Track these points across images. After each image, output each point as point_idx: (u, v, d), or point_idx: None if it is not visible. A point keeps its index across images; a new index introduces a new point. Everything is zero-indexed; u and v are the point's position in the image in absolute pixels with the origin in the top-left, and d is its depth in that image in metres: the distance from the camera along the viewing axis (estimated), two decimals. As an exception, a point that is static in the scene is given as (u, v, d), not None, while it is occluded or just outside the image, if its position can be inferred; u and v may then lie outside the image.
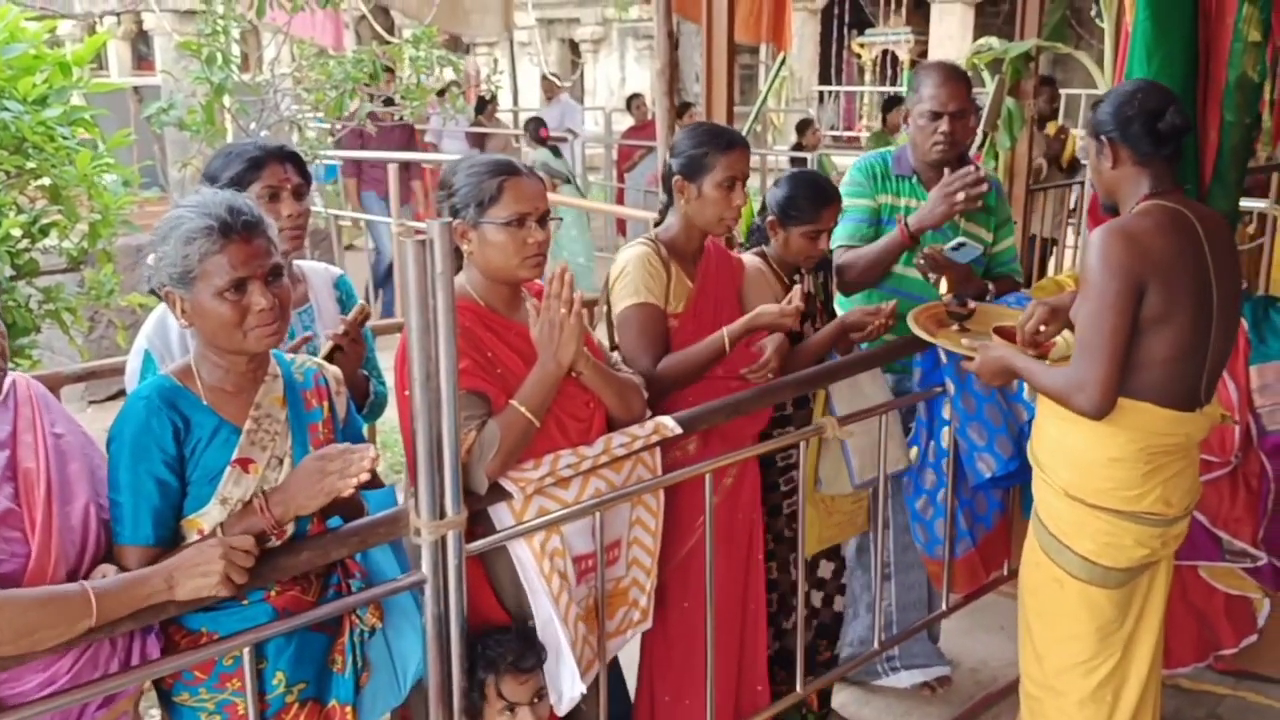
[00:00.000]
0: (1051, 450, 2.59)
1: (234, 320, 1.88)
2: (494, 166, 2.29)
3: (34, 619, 1.64)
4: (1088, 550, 2.54)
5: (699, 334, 2.73)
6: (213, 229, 1.85)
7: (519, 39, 15.56)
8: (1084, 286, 2.39)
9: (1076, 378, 2.39)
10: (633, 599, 2.52)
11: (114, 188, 3.29)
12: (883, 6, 16.60)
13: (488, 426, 2.15)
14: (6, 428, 1.81)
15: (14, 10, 3.62)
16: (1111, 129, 2.47)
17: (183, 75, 4.77)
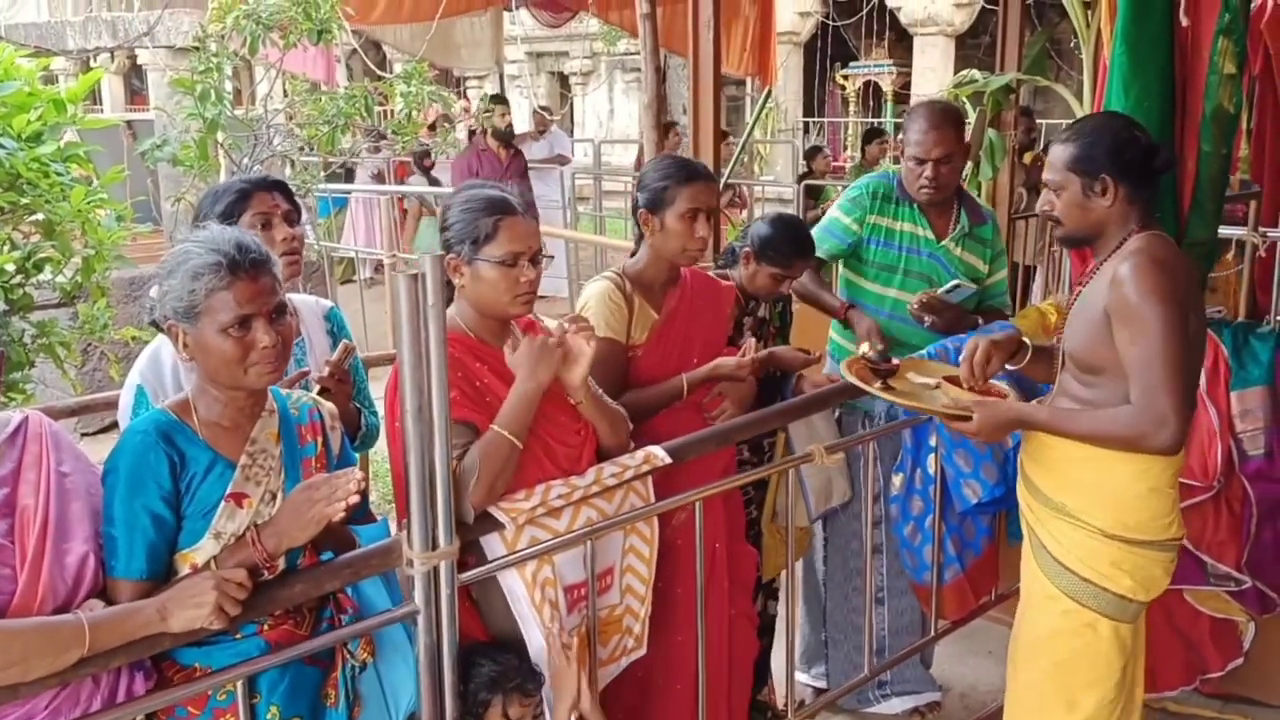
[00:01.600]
0: (1088, 493, 2.52)
1: (237, 356, 1.90)
2: (490, 204, 2.31)
3: (24, 647, 1.64)
4: (1127, 588, 2.51)
5: (662, 363, 2.78)
6: (220, 265, 1.88)
7: (509, 72, 15.69)
8: (1134, 321, 2.34)
9: (1155, 413, 2.33)
10: (626, 626, 2.54)
11: (108, 223, 3.32)
12: (865, 39, 16.78)
13: (467, 457, 2.17)
14: (10, 464, 1.81)
15: (8, 48, 3.67)
16: (1111, 167, 2.45)
17: (176, 111, 4.81)
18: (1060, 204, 2.52)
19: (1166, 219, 3.06)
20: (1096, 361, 2.46)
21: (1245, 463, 3.15)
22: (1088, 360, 2.49)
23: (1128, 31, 2.93)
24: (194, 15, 6.34)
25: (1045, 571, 2.60)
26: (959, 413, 2.54)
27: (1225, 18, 2.97)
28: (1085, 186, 2.47)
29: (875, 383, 2.66)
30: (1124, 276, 2.36)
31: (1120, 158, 2.45)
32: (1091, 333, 2.46)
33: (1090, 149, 2.46)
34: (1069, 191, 2.49)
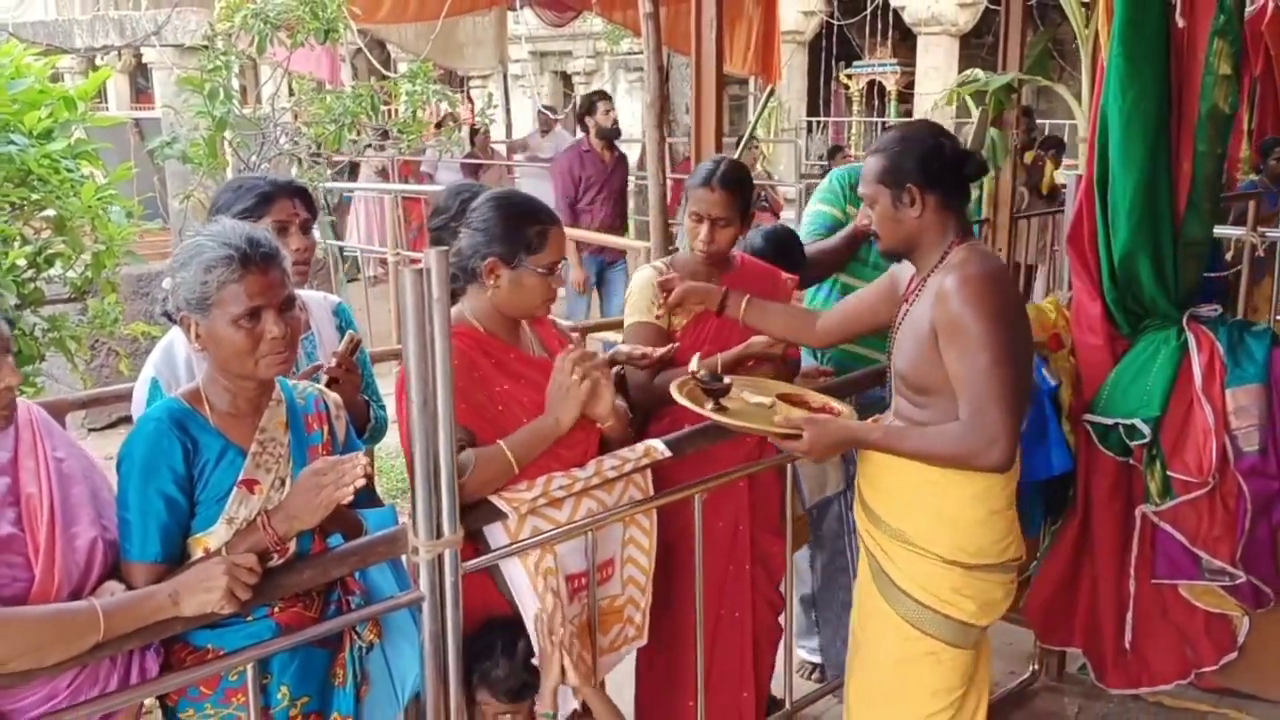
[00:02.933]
0: (926, 519, 2.48)
1: (247, 347, 1.95)
2: (537, 213, 2.40)
3: (42, 635, 1.69)
4: (969, 614, 2.47)
5: (699, 344, 2.86)
6: (233, 258, 1.93)
7: (513, 72, 15.72)
8: (961, 337, 2.29)
9: (985, 432, 2.28)
10: (628, 616, 2.58)
11: (117, 219, 3.36)
12: (869, 38, 16.81)
13: (464, 454, 2.22)
14: (7, 453, 1.85)
15: (18, 46, 3.71)
16: (918, 176, 2.39)
17: (184, 109, 4.86)
18: (875, 217, 2.48)
19: (1163, 219, 3.10)
20: (926, 381, 2.41)
21: (1240, 459, 3.18)
22: (917, 380, 2.44)
23: (1125, 33, 2.97)
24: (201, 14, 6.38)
25: (885, 597, 2.54)
26: (790, 431, 2.43)
27: (1220, 19, 3.00)
28: (894, 198, 2.42)
29: (707, 403, 2.52)
30: (948, 291, 2.31)
31: (927, 167, 2.40)
32: (919, 351, 2.41)
33: (896, 159, 2.42)
34: (880, 204, 2.45)
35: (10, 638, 1.65)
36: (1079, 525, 3.38)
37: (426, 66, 5.72)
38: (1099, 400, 3.26)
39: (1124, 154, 3.04)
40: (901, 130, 2.53)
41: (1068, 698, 3.66)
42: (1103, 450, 3.27)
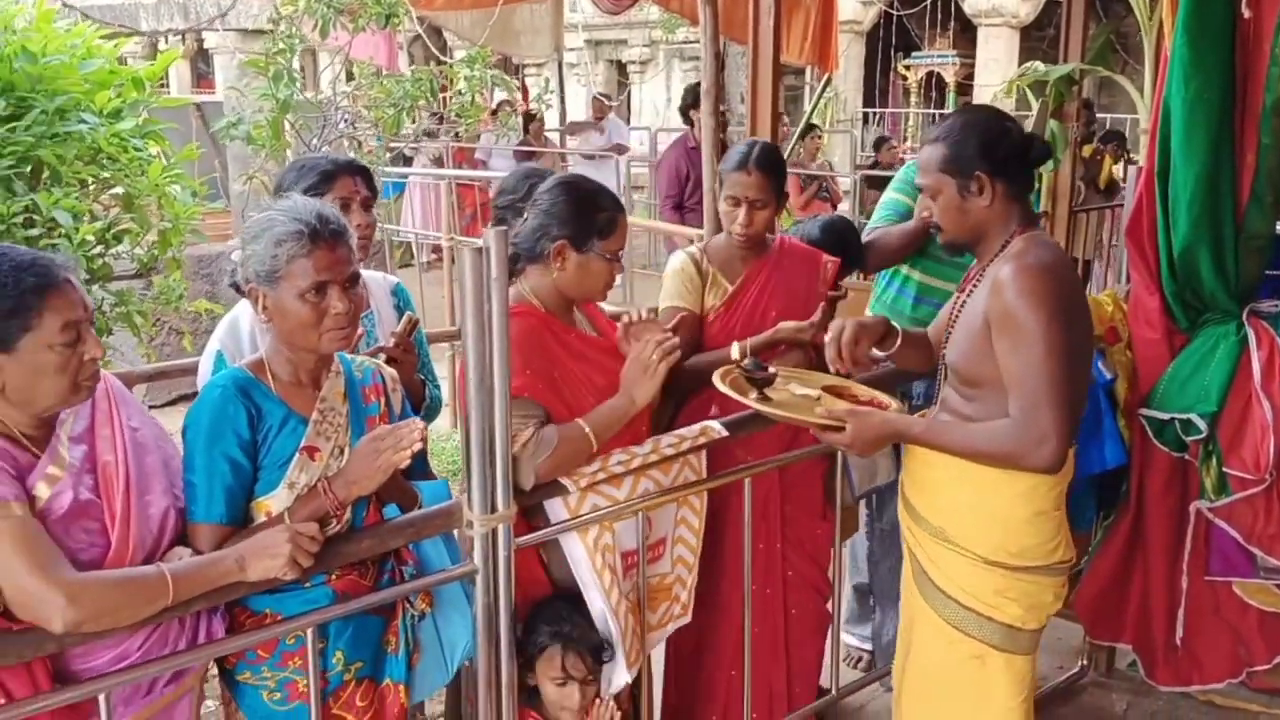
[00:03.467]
0: (967, 518, 2.40)
1: (312, 321, 2.01)
2: (608, 199, 2.46)
3: (115, 599, 1.75)
4: (1015, 617, 2.39)
5: (729, 327, 2.90)
6: (302, 233, 1.98)
7: (568, 60, 15.77)
8: (1014, 330, 2.21)
9: (1035, 431, 2.19)
10: (675, 594, 2.62)
11: (183, 198, 3.45)
12: (929, 29, 16.63)
13: (548, 429, 2.28)
14: (84, 422, 1.92)
15: (90, 28, 3.81)
16: (985, 163, 2.30)
17: (247, 92, 4.96)
18: (937, 209, 2.38)
19: (1224, 212, 3.06)
20: (977, 374, 2.34)
21: (1299, 456, 3.13)
22: (968, 372, 2.37)
23: (1189, 23, 2.93)
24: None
25: (928, 599, 2.46)
26: (832, 423, 2.35)
27: (1288, 9, 2.95)
28: (960, 187, 2.33)
29: (751, 393, 2.45)
30: (1003, 281, 2.23)
31: (994, 153, 2.31)
32: (972, 343, 2.33)
33: (960, 146, 2.32)
34: (944, 195, 2.35)
35: (87, 601, 1.71)
36: (1132, 520, 3.35)
37: (484, 52, 5.77)
38: (1155, 395, 3.23)
39: (1186, 146, 3.00)
40: (963, 116, 2.41)
41: (1116, 694, 3.64)
42: (1158, 445, 3.24)
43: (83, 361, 1.80)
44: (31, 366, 1.76)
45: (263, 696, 2.08)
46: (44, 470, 1.80)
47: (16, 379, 1.76)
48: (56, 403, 1.82)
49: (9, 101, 3.29)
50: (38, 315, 1.75)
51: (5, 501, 1.71)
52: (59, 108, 3.32)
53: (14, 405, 1.79)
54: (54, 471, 1.81)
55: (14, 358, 1.75)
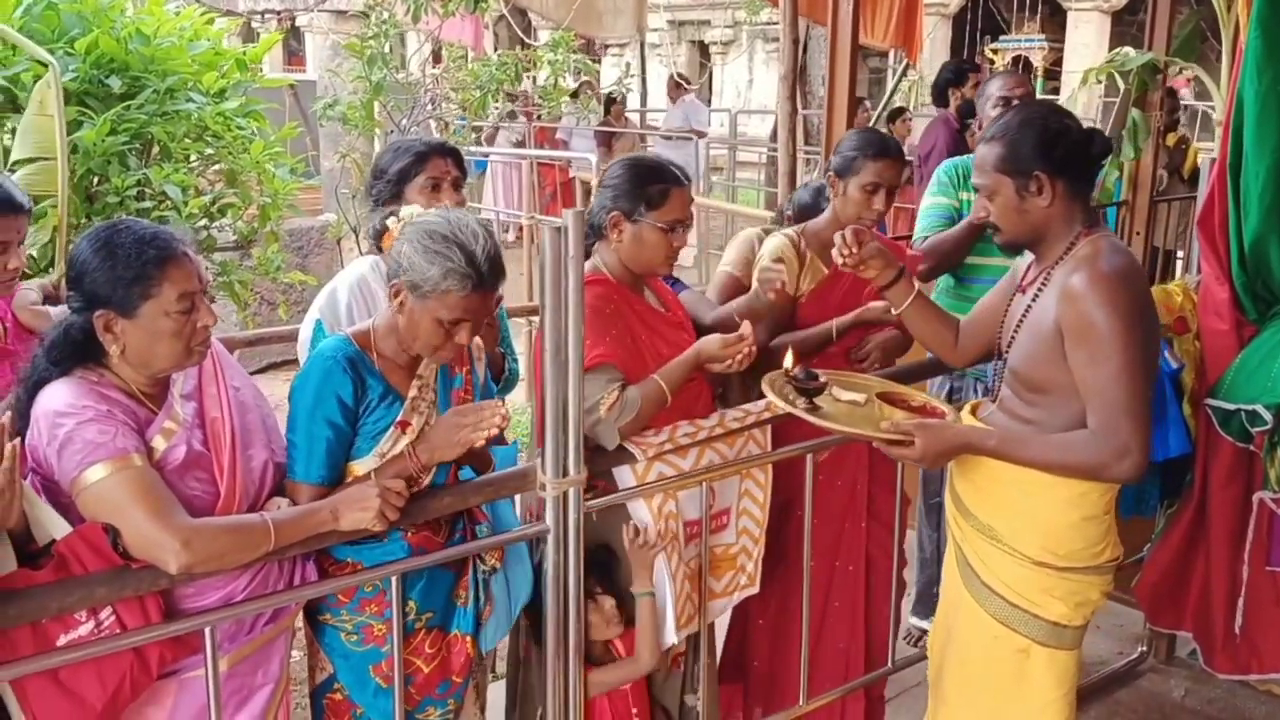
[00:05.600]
0: (1015, 518, 2.36)
1: (438, 342, 2.14)
2: (662, 172, 2.56)
3: (224, 543, 1.91)
4: (1060, 615, 2.36)
5: (821, 310, 3.00)
6: (469, 279, 2.08)
7: (650, 41, 15.84)
8: (1092, 341, 2.16)
9: (1117, 444, 2.15)
10: (740, 564, 2.73)
11: (282, 175, 3.64)
12: (1017, 13, 16.36)
13: (630, 391, 2.42)
14: (193, 381, 2.09)
15: (197, 11, 4.02)
16: (1044, 162, 2.23)
17: (342, 74, 5.15)
18: (995, 209, 2.31)
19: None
20: (1043, 380, 2.28)
21: (1366, 450, 3.13)
22: (1033, 378, 2.31)
23: (1263, 16, 2.93)
24: (357, -18, 6.69)
25: (973, 592, 2.44)
26: (899, 437, 2.28)
27: (1365, 2, 2.94)
28: (1019, 187, 2.26)
29: (800, 401, 2.37)
30: (1080, 290, 2.17)
31: (1053, 151, 2.24)
32: (1040, 349, 2.27)
33: (1018, 145, 2.25)
34: (1002, 195, 2.29)
35: (199, 545, 1.87)
36: (1195, 509, 3.37)
37: (568, 35, 5.90)
38: (1222, 385, 3.24)
39: (1258, 137, 3.01)
40: (1020, 113, 2.34)
41: (1175, 681, 3.67)
42: (1223, 435, 3.25)
43: (196, 328, 1.96)
44: (150, 331, 1.92)
45: (341, 637, 2.24)
46: (161, 424, 1.97)
47: (136, 342, 1.93)
48: (171, 365, 1.98)
49: (124, 81, 3.51)
50: (157, 284, 1.91)
51: (127, 453, 1.87)
52: (169, 87, 3.53)
53: (133, 366, 1.96)
54: (170, 426, 1.98)
55: (135, 323, 1.92)
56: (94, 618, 1.83)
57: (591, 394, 2.39)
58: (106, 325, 1.91)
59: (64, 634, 1.80)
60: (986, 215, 2.34)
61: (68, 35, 3.59)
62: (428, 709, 2.30)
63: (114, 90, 3.50)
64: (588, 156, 8.12)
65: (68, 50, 3.55)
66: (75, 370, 1.94)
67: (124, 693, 1.87)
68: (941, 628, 2.62)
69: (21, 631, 1.77)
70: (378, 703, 2.23)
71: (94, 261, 1.91)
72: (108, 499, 1.84)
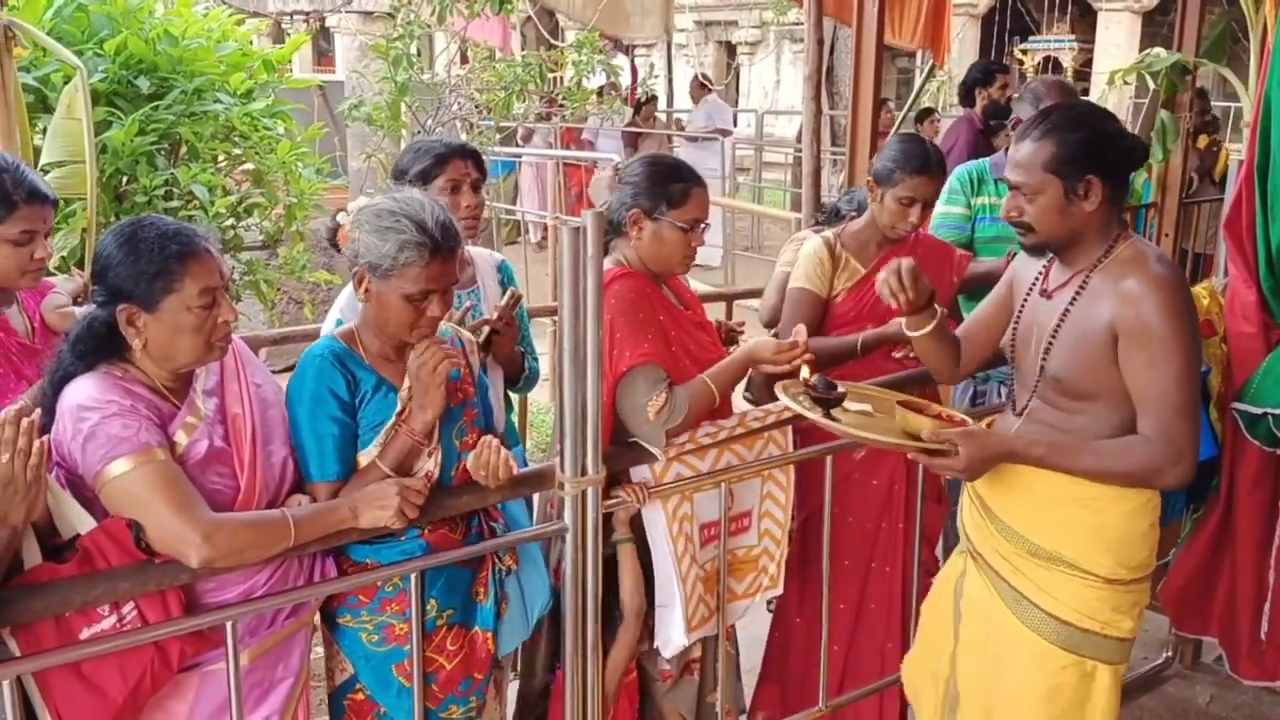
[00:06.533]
0: (1087, 538, 2.26)
1: (410, 320, 2.15)
2: (682, 171, 2.58)
3: (245, 539, 1.94)
4: (1127, 630, 2.30)
5: (855, 311, 3.04)
6: (425, 245, 2.10)
7: (677, 41, 15.84)
8: (1152, 343, 2.11)
9: (1174, 448, 2.12)
10: (762, 566, 2.73)
11: (308, 175, 3.67)
12: (1046, 13, 16.24)
13: (678, 393, 2.42)
14: (215, 377, 2.11)
15: (225, 12, 4.07)
16: (1098, 166, 2.17)
17: (368, 74, 5.19)
18: (1035, 209, 2.22)
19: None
20: (1091, 386, 2.22)
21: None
22: (1080, 385, 2.24)
23: (1292, 15, 2.91)
24: (385, -17, 6.73)
25: (1034, 628, 2.31)
26: (940, 446, 2.18)
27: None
28: (1068, 189, 2.19)
29: (818, 411, 2.29)
30: (1139, 293, 2.13)
31: (1106, 156, 2.18)
32: (1089, 354, 2.20)
33: (1074, 146, 2.17)
34: (1047, 196, 2.20)
35: (220, 540, 1.89)
36: (1221, 514, 3.34)
37: (593, 36, 5.92)
38: (1249, 389, 3.22)
39: (1286, 140, 2.98)
40: (1069, 112, 2.26)
41: (1200, 686, 3.64)
42: (1250, 439, 3.23)
43: (217, 324, 1.99)
44: (171, 325, 1.95)
45: (361, 638, 2.25)
46: (183, 419, 1.99)
47: (158, 336, 1.96)
48: (192, 360, 2.01)
49: (152, 81, 3.56)
50: (179, 279, 1.93)
51: (150, 447, 1.90)
52: (197, 88, 3.57)
53: (155, 360, 1.99)
54: (191, 420, 2.00)
55: (156, 316, 1.94)
56: (116, 612, 1.86)
57: (638, 395, 2.41)
58: (129, 319, 1.94)
59: (87, 627, 1.83)
60: (1020, 215, 2.26)
61: (97, 36, 3.64)
62: (451, 707, 2.32)
63: (143, 91, 3.55)
64: (612, 157, 8.14)
65: (97, 51, 3.60)
66: (100, 365, 1.97)
67: (145, 686, 1.90)
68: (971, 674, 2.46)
69: (45, 625, 1.80)
70: (401, 701, 2.24)
71: (118, 256, 1.94)
72: (131, 493, 1.87)
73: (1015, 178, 2.25)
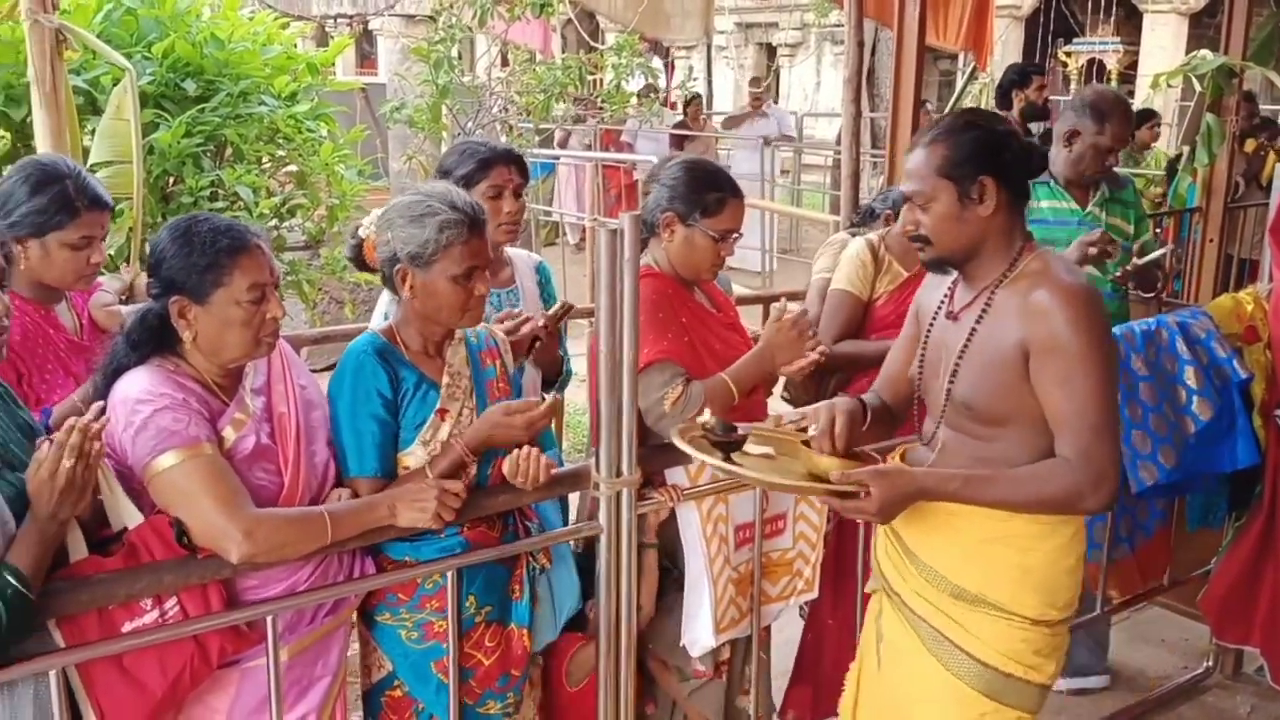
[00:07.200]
0: (1013, 578, 2.12)
1: (460, 302, 2.19)
2: (717, 179, 2.60)
3: (286, 535, 1.96)
4: (1049, 675, 2.16)
5: (896, 313, 3.03)
6: (463, 222, 2.15)
7: (717, 43, 15.83)
8: (1064, 360, 1.97)
9: (1095, 470, 1.98)
10: (797, 569, 2.73)
11: (350, 177, 3.72)
12: (1091, 15, 16.06)
13: (694, 386, 2.44)
14: (262, 377, 2.15)
15: (270, 16, 4.12)
16: (991, 167, 2.04)
17: (409, 77, 5.24)
18: (930, 219, 2.08)
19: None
20: (1004, 410, 2.07)
21: None
22: (991, 409, 2.09)
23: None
24: (428, -13, 6.79)
25: (955, 671, 2.16)
26: (850, 488, 2.00)
27: None
28: (960, 193, 2.05)
29: (718, 455, 2.12)
30: (1048, 307, 1.99)
31: (1000, 156, 2.05)
32: (998, 376, 2.05)
33: (961, 148, 2.05)
34: (940, 202, 2.06)
35: (261, 536, 1.92)
36: (1264, 522, 3.30)
37: (633, 39, 5.94)
38: (1293, 396, 3.18)
39: (1334, 143, 2.94)
40: (959, 117, 2.14)
41: (1241, 697, 3.60)
42: (1294, 447, 3.19)
43: (265, 319, 2.02)
44: (221, 318, 1.99)
45: (401, 636, 2.28)
46: (231, 415, 2.03)
47: (207, 329, 2.00)
48: (240, 354, 2.04)
49: (199, 84, 3.62)
50: (229, 273, 1.97)
51: (198, 441, 1.93)
52: (242, 91, 3.63)
53: (204, 354, 2.03)
54: (240, 417, 2.04)
55: (206, 309, 1.98)
56: (159, 607, 1.89)
57: (653, 390, 2.43)
58: (180, 311, 1.98)
59: (129, 621, 1.86)
60: (916, 227, 2.12)
61: (146, 40, 3.71)
62: (489, 702, 2.34)
63: (189, 93, 3.61)
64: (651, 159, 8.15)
65: (145, 54, 3.67)
66: (152, 358, 2.01)
67: (184, 682, 1.93)
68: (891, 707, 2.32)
69: (89, 618, 1.83)
70: (440, 698, 2.27)
71: (172, 249, 1.98)
72: (178, 486, 1.90)
73: (907, 187, 2.13)
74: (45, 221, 2.33)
